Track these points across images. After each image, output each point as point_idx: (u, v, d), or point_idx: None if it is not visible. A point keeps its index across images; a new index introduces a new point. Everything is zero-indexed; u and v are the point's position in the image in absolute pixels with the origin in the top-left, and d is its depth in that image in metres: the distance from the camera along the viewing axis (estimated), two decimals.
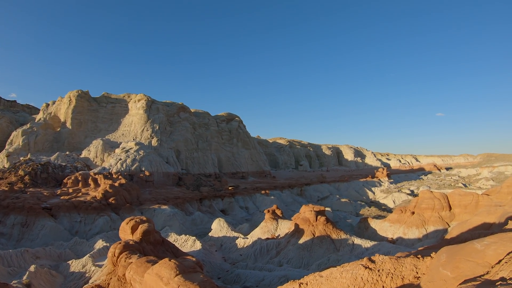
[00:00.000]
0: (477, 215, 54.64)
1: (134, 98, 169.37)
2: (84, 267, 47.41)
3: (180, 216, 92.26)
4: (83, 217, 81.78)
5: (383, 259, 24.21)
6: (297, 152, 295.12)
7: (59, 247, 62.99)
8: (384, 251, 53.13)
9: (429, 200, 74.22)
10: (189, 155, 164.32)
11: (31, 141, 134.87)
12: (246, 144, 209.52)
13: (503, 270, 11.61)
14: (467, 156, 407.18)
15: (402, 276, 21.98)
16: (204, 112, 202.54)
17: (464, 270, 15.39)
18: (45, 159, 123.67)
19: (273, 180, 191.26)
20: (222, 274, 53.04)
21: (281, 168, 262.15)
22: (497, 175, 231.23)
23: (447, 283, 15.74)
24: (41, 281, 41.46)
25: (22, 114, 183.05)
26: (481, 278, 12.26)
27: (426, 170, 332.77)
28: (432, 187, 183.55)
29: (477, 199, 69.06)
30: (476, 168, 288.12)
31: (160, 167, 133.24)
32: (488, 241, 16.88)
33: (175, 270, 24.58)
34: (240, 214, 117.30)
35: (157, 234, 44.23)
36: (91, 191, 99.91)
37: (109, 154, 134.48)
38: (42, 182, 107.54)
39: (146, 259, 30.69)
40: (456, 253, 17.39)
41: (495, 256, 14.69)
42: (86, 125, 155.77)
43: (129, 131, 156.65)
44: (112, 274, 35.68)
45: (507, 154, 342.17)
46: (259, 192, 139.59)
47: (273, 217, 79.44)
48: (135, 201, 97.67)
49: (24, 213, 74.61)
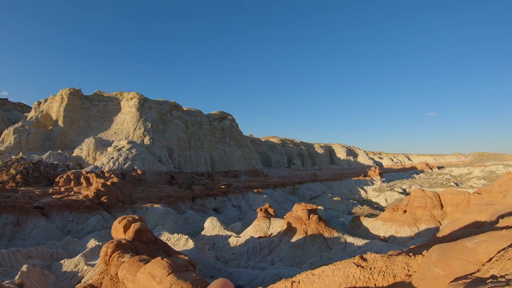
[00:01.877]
0: (468, 213, 55.06)
1: (126, 97, 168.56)
2: (77, 266, 47.20)
3: (172, 215, 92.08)
4: (75, 216, 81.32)
5: (375, 257, 24.33)
6: (290, 150, 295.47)
7: (51, 246, 62.64)
8: (376, 249, 53.37)
9: (421, 199, 74.65)
10: (182, 153, 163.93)
11: (23, 140, 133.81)
12: (238, 142, 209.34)
13: (494, 268, 11.68)
14: (459, 155, 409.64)
15: (393, 274, 22.09)
16: (196, 111, 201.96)
17: (455, 268, 15.50)
18: (37, 157, 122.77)
19: (266, 179, 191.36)
20: (215, 272, 53.05)
21: (274, 167, 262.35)
22: (489, 174, 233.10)
23: (438, 281, 15.84)
24: (34, 280, 41.23)
25: (14, 112, 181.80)
26: (472, 276, 12.33)
27: (418, 169, 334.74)
28: (424, 186, 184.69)
29: (469, 198, 69.56)
30: (467, 167, 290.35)
31: (152, 166, 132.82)
32: (479, 239, 17.01)
33: (167, 269, 24.56)
34: (233, 212, 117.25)
35: (149, 233, 44.13)
36: (83, 190, 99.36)
37: (101, 153, 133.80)
38: (34, 181, 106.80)
39: (138, 258, 30.63)
40: (448, 251, 17.50)
41: (486, 254, 14.81)
42: (78, 123, 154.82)
43: (121, 129, 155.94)
44: (105, 273, 35.56)
45: (498, 154, 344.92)
46: (252, 190, 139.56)
47: (265, 216, 79.54)
48: (127, 200, 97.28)
49: (16, 212, 73.95)
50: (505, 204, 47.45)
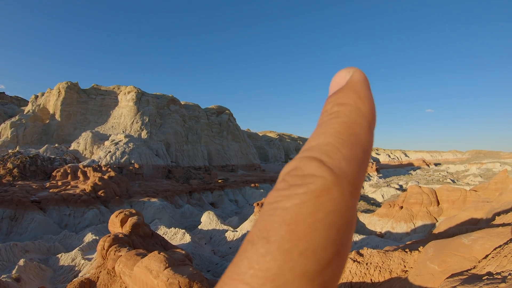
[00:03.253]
0: (465, 210, 55.34)
1: (124, 90, 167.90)
2: (74, 260, 47.28)
3: (169, 209, 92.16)
4: (72, 210, 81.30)
5: (372, 253, 24.45)
6: (287, 145, 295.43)
7: (48, 240, 62.65)
8: (372, 245, 53.57)
9: (417, 195, 74.87)
10: (179, 147, 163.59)
11: (20, 134, 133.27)
12: (236, 137, 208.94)
13: (490, 265, 11.73)
14: (455, 153, 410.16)
15: (390, 270, 22.20)
16: (194, 105, 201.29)
17: (451, 264, 15.56)
18: (34, 151, 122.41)
19: (263, 173, 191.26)
20: (212, 267, 53.20)
21: (271, 162, 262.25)
22: (485, 172, 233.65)
23: (434, 277, 15.90)
24: (31, 275, 41.27)
25: (11, 106, 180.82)
26: (468, 273, 12.40)
27: (415, 165, 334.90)
28: (420, 182, 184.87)
29: (465, 195, 69.87)
30: (464, 165, 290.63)
31: (149, 160, 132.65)
32: (475, 236, 17.10)
33: (164, 263, 24.60)
34: (230, 207, 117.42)
35: (146, 227, 44.19)
36: (80, 184, 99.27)
37: (98, 147, 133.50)
38: (30, 175, 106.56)
39: (135, 252, 30.69)
40: (444, 248, 17.56)
41: (482, 251, 14.88)
42: (75, 117, 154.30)
43: (118, 123, 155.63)
44: (102, 267, 35.61)
45: (495, 151, 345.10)
46: (249, 185, 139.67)
47: None
48: (124, 194, 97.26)
49: (12, 207, 73.87)
50: (501, 202, 47.77)
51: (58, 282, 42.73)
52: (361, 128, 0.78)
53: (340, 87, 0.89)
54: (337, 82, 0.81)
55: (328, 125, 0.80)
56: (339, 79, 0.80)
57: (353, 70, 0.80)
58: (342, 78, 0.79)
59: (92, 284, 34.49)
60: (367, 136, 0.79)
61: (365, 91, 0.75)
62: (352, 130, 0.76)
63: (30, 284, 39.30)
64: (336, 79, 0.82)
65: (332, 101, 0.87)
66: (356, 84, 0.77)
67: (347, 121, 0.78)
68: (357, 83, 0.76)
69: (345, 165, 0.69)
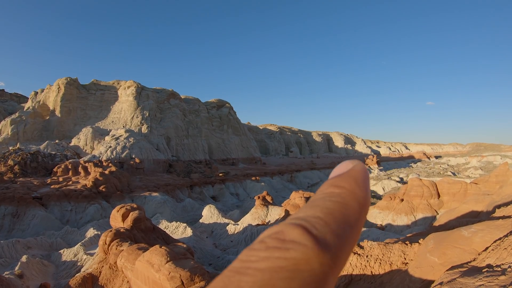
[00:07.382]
0: (465, 203, 55.49)
1: (123, 85, 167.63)
2: (76, 256, 47.41)
3: (170, 203, 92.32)
4: (74, 206, 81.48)
5: (372, 245, 24.54)
6: (288, 138, 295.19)
7: (51, 236, 62.80)
8: (373, 237, 53.68)
9: (418, 188, 74.95)
10: (180, 142, 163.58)
11: (20, 130, 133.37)
12: (236, 130, 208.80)
13: (490, 257, 11.78)
14: (456, 145, 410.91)
15: (390, 262, 22.28)
16: (194, 99, 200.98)
17: (451, 256, 15.62)
18: (34, 148, 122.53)
19: (264, 167, 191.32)
20: (213, 260, 53.34)
21: (272, 155, 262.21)
22: (486, 165, 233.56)
23: (434, 269, 15.98)
24: (33, 271, 41.42)
25: (11, 103, 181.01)
26: (468, 265, 12.45)
27: (416, 158, 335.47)
28: (421, 175, 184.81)
29: (466, 188, 69.94)
30: (465, 157, 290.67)
31: (150, 154, 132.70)
32: (475, 228, 17.15)
33: (166, 257, 24.69)
34: (231, 200, 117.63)
35: (148, 221, 44.28)
36: (82, 180, 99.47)
37: (99, 142, 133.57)
38: (32, 171, 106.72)
39: (137, 246, 30.79)
40: (444, 240, 17.62)
41: (482, 243, 14.93)
42: (76, 112, 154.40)
43: (118, 118, 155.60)
44: (104, 262, 35.78)
45: (496, 144, 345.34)
46: (250, 178, 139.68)
47: (263, 204, 79.82)
48: (125, 189, 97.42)
49: (14, 203, 74.01)
50: (501, 195, 47.82)
51: (60, 277, 42.88)
52: (353, 210, 0.77)
53: (341, 173, 0.91)
54: (339, 169, 0.82)
55: (320, 202, 0.82)
56: (342, 167, 0.81)
57: (357, 162, 0.85)
58: (344, 167, 0.80)
59: (95, 279, 34.67)
60: (357, 218, 0.77)
61: (363, 180, 0.76)
62: (343, 210, 0.76)
63: (33, 280, 39.46)
64: (339, 167, 0.83)
65: (330, 183, 0.88)
66: (356, 173, 0.78)
67: (340, 201, 0.78)
68: (357, 172, 0.78)
69: (330, 239, 0.68)
